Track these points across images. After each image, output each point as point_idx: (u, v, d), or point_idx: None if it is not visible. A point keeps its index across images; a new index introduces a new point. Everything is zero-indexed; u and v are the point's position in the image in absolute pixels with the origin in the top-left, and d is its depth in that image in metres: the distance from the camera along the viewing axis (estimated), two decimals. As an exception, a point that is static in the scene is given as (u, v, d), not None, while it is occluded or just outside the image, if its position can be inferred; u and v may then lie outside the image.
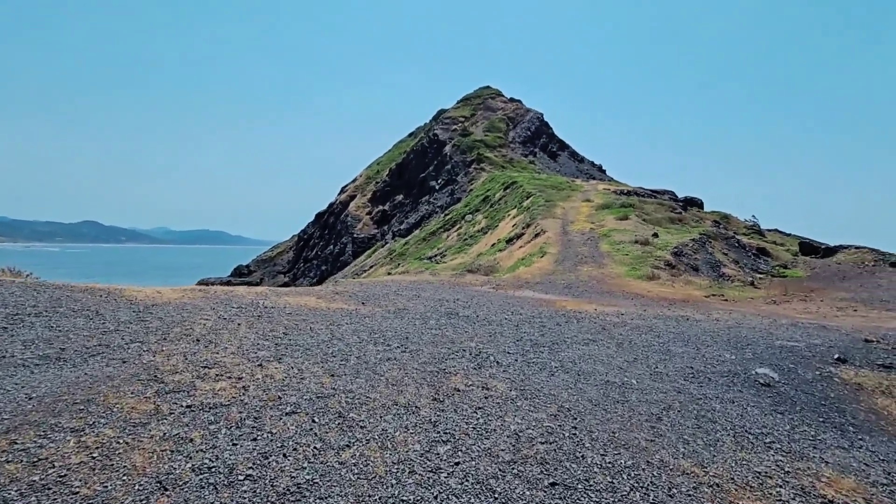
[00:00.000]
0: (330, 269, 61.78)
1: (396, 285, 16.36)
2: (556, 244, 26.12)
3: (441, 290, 15.61)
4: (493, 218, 42.22)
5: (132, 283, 43.35)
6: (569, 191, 41.66)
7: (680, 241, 25.75)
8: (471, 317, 10.40)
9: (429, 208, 56.21)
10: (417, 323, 9.36)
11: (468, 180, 53.89)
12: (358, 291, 13.50)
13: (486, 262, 29.15)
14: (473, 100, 66.08)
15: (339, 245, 63.80)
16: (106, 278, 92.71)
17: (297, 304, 10.38)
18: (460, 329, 9.09)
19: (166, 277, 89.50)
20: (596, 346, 8.66)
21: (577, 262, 22.61)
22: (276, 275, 72.52)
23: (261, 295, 11.13)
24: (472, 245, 39.60)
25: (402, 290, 14.66)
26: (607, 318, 11.39)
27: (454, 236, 45.12)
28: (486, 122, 61.49)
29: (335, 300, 11.49)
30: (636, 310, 12.98)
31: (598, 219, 31.29)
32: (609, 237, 26.80)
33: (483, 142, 57.73)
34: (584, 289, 17.28)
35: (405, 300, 12.38)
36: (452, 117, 63.08)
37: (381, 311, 10.37)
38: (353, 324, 8.74)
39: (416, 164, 62.64)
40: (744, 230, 35.63)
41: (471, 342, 8.08)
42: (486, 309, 11.76)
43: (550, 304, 13.64)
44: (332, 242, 65.72)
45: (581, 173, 55.39)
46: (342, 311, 10.03)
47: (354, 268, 56.35)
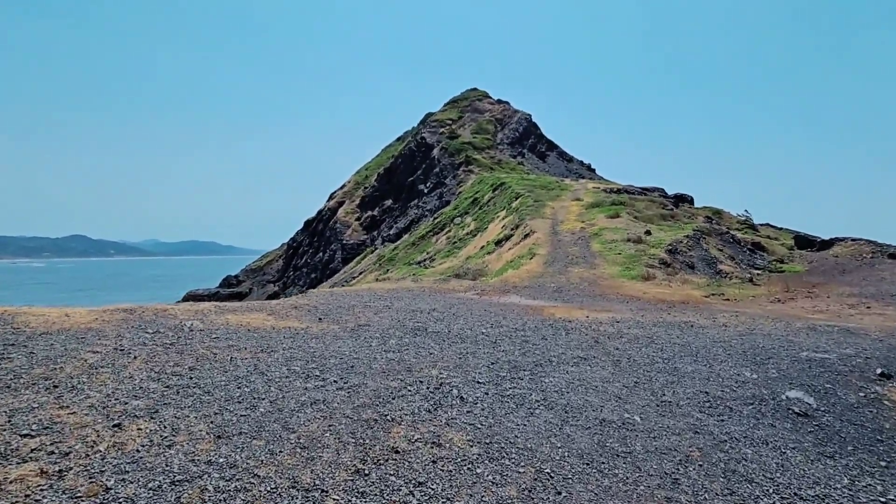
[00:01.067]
0: (319, 277, 60.01)
1: (370, 295, 14.70)
2: (546, 245, 24.54)
3: (418, 299, 13.95)
4: (482, 220, 40.65)
5: (115, 297, 41.62)
6: (558, 190, 40.16)
7: (674, 238, 24.23)
8: (441, 333, 8.73)
9: (418, 212, 54.62)
10: (374, 344, 7.69)
11: (457, 183, 52.34)
12: (321, 304, 11.82)
13: (475, 265, 27.53)
14: (461, 102, 64.59)
15: (329, 252, 62.02)
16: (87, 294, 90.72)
17: (236, 323, 8.70)
18: (425, 351, 7.43)
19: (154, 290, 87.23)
20: (588, 366, 7.02)
21: (567, 263, 21.02)
22: (266, 284, 70.60)
23: (199, 314, 9.43)
24: (462, 248, 38.02)
25: (373, 301, 13.01)
26: (601, 327, 9.76)
27: (443, 240, 43.52)
28: (474, 124, 60.01)
29: (287, 317, 9.81)
30: (633, 315, 11.37)
31: (589, 218, 29.76)
32: (600, 236, 25.25)
33: (471, 144, 56.21)
34: (575, 292, 15.67)
35: (372, 313, 10.72)
36: (440, 120, 61.54)
37: (336, 330, 8.70)
38: (291, 349, 7.07)
39: (404, 168, 61.01)
40: (737, 225, 34.20)
41: (433, 369, 6.42)
42: (462, 321, 10.11)
43: (537, 311, 12.02)
44: (321, 250, 63.92)
45: (570, 173, 53.97)
46: (288, 331, 8.36)
47: (344, 275, 54.63)
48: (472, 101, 63.57)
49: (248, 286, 72.54)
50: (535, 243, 25.07)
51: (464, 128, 59.68)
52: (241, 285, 72.96)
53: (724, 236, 27.79)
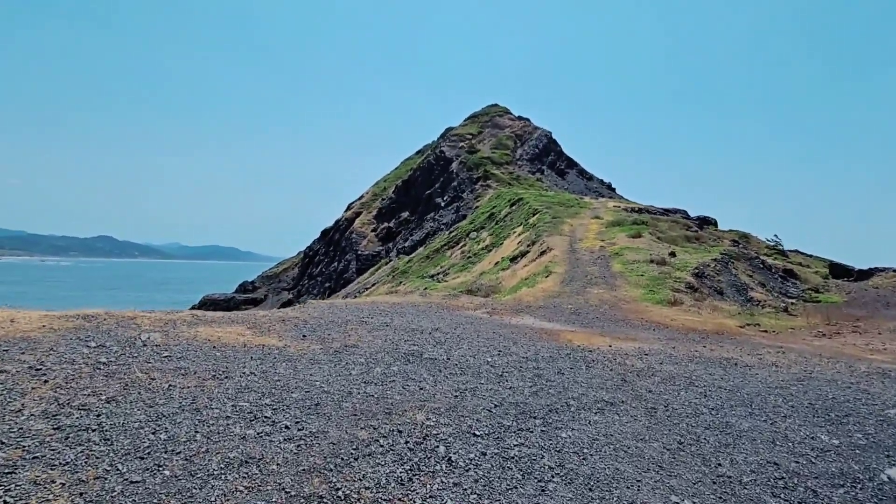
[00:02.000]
0: (333, 287, 59.06)
1: (371, 309, 13.35)
2: (563, 263, 22.97)
3: (421, 317, 12.56)
4: (498, 235, 39.23)
5: (133, 297, 40.58)
6: (577, 208, 38.58)
7: (700, 260, 22.45)
8: (439, 360, 7.31)
9: (434, 225, 53.43)
10: (355, 372, 6.30)
11: (474, 197, 51.10)
12: (313, 318, 10.49)
13: (488, 281, 26.08)
14: (481, 117, 63.60)
15: (344, 262, 61.10)
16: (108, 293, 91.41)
17: (205, 338, 7.41)
18: (414, 384, 6.01)
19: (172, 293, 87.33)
20: (616, 414, 5.52)
21: (585, 283, 19.43)
22: (281, 291, 69.95)
23: (168, 324, 8.17)
24: (476, 263, 36.61)
25: (372, 317, 11.65)
26: (627, 360, 8.23)
27: (458, 254, 42.17)
28: (494, 139, 58.90)
29: (268, 332, 8.49)
30: (662, 346, 9.79)
31: (609, 236, 28.12)
32: (621, 256, 23.59)
33: (490, 159, 55.03)
34: (595, 315, 14.09)
35: (365, 331, 9.35)
36: (459, 134, 60.57)
37: (316, 351, 7.34)
38: (251, 376, 5.72)
39: (422, 181, 60.04)
40: (765, 250, 32.14)
41: (419, 412, 5.00)
42: (466, 346, 8.66)
43: (553, 336, 10.51)
44: (336, 259, 63.06)
45: (590, 191, 52.32)
46: (259, 350, 7.02)
47: (357, 285, 53.56)
48: (493, 117, 62.55)
49: (263, 292, 72.02)
50: (551, 261, 23.53)
51: (483, 143, 58.59)
52: (256, 291, 72.50)
53: (753, 261, 25.85)
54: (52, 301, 75.42)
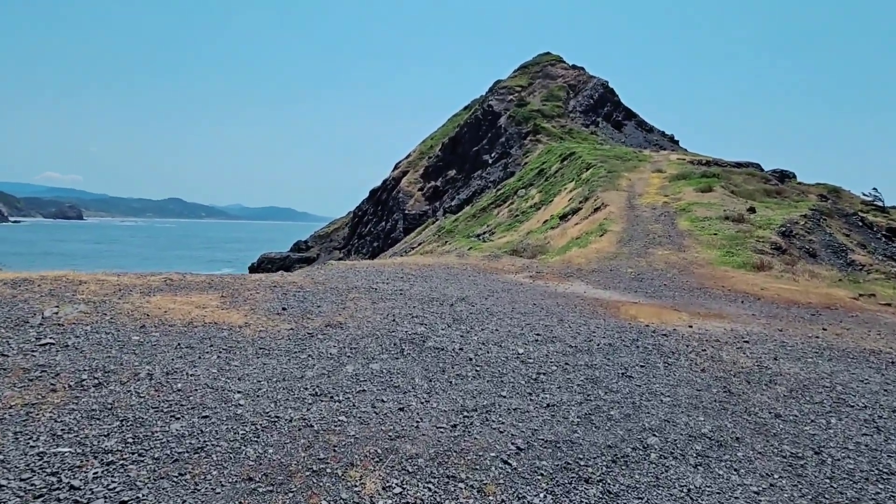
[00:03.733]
0: (381, 246, 58.03)
1: (393, 272, 11.24)
2: (620, 220, 19.87)
3: (449, 282, 10.31)
4: (548, 192, 36.02)
5: (199, 255, 40.41)
6: (636, 161, 34.53)
7: (786, 217, 18.70)
8: (448, 350, 5.04)
9: (481, 183, 50.54)
10: (311, 374, 4.16)
11: (523, 153, 47.54)
12: (311, 284, 8.46)
13: (535, 241, 23.41)
14: (531, 68, 58.64)
15: (391, 221, 59.69)
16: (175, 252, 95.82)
17: (146, 312, 5.50)
18: (395, 398, 3.80)
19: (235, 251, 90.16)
20: (731, 471, 3.08)
21: (647, 242, 16.43)
22: (332, 250, 70.01)
23: (115, 293, 6.34)
24: (523, 222, 33.83)
25: (388, 282, 9.52)
26: (722, 350, 5.64)
27: (505, 213, 39.40)
28: (545, 91, 54.21)
29: (241, 303, 6.51)
30: (763, 328, 7.05)
31: (674, 191, 24.47)
32: (689, 212, 20.16)
33: (540, 112, 50.72)
34: (663, 282, 11.31)
35: (367, 302, 7.21)
36: (508, 87, 56.23)
37: (282, 333, 5.25)
38: (147, 379, 3.70)
39: (469, 138, 56.71)
40: (861, 206, 27.28)
41: (373, 472, 2.77)
42: (494, 325, 6.34)
43: (611, 310, 7.98)
44: (384, 219, 61.73)
45: (650, 144, 47.29)
46: (204, 331, 5.02)
47: (404, 245, 52.13)
48: (544, 67, 57.48)
49: (315, 251, 72.46)
50: (607, 218, 20.47)
51: (533, 95, 54.10)
52: (309, 250, 73.05)
53: (850, 218, 21.61)
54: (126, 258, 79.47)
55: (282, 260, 68.50)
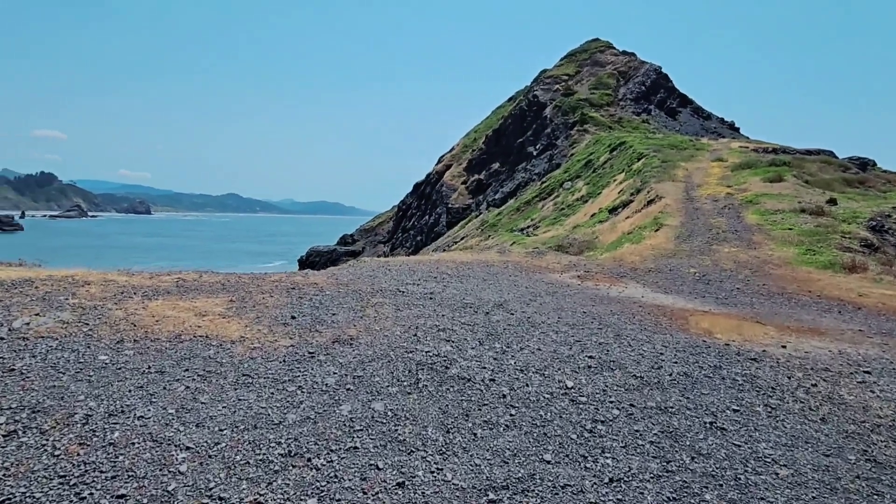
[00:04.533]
0: (424, 240, 57.50)
1: (426, 271, 10.24)
2: (678, 213, 18.02)
3: (487, 283, 9.19)
4: (596, 184, 34.09)
5: (253, 248, 41.07)
6: (692, 150, 31.97)
7: (875, 209, 16.28)
8: (475, 382, 3.96)
9: (525, 176, 48.83)
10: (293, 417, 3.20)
11: (569, 144, 45.42)
12: (333, 286, 7.57)
13: (582, 236, 21.87)
14: (579, 55, 55.91)
15: (435, 215, 58.96)
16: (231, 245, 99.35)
17: (135, 321, 4.74)
18: (393, 462, 2.74)
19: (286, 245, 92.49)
20: None
21: (710, 238, 14.64)
22: (377, 244, 70.28)
23: (115, 297, 5.66)
24: (569, 216, 32.12)
25: (419, 282, 8.52)
26: (839, 385, 4.26)
27: (550, 206, 37.74)
28: (593, 79, 51.53)
29: (246, 310, 5.68)
30: (882, 350, 5.52)
31: (738, 181, 22.17)
32: (757, 204, 18.02)
33: (588, 101, 48.24)
34: (735, 285, 9.71)
35: (390, 309, 6.22)
36: (554, 76, 53.89)
37: (278, 352, 4.35)
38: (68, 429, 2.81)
39: (513, 130, 54.92)
40: (959, 196, 23.77)
41: None
42: (535, 343, 5.19)
43: (677, 321, 6.63)
44: (427, 213, 61.10)
45: (707, 132, 43.90)
46: (187, 349, 4.18)
47: (447, 239, 51.32)
48: (593, 54, 54.66)
49: (361, 245, 73.02)
50: (662, 211, 18.64)
51: (581, 83, 51.56)
52: (355, 244, 73.70)
53: (950, 210, 18.68)
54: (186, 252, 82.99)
55: (329, 253, 69.41)
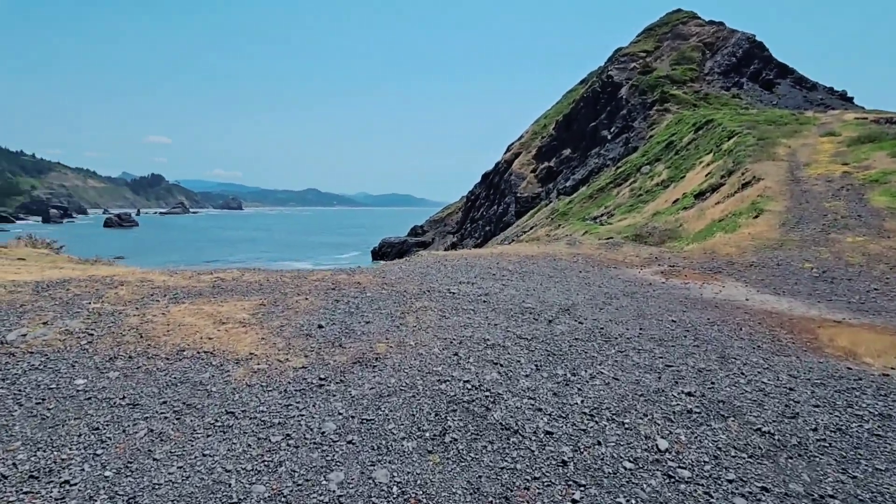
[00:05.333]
0: (493, 230, 56.24)
1: (484, 266, 9.14)
2: (782, 197, 15.43)
3: (553, 280, 7.92)
4: (679, 168, 31.01)
5: (328, 240, 42.20)
6: (795, 125, 27.92)
7: None
8: (525, 433, 2.83)
9: (598, 161, 45.88)
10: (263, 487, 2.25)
11: (647, 125, 41.88)
12: (377, 285, 6.72)
13: (664, 224, 19.70)
14: (658, 29, 51.22)
15: (503, 205, 57.42)
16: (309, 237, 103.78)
17: (144, 332, 4.15)
18: None
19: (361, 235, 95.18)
20: None
21: (826, 225, 12.20)
22: (446, 234, 70.00)
23: (136, 301, 5.17)
24: (648, 202, 29.49)
25: (474, 281, 7.46)
26: None
27: (626, 192, 35.04)
28: (675, 53, 46.98)
29: (273, 316, 4.95)
30: None
31: (857, 158, 18.74)
32: (886, 184, 14.96)
33: (669, 77, 44.06)
34: (870, 285, 7.67)
35: (434, 316, 5.24)
36: (630, 53, 49.83)
37: (283, 379, 3.49)
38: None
39: (585, 113, 51.74)
40: None
41: None
42: (609, 369, 3.95)
43: (800, 334, 5.04)
44: (496, 202, 59.65)
45: (812, 104, 38.34)
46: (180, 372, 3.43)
47: (516, 228, 49.71)
48: (674, 27, 49.82)
49: (431, 236, 73.18)
50: (761, 195, 16.07)
51: (661, 59, 47.25)
52: (425, 235, 74.01)
53: None
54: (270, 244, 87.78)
55: (400, 244, 70.26)
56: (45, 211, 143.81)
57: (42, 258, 9.56)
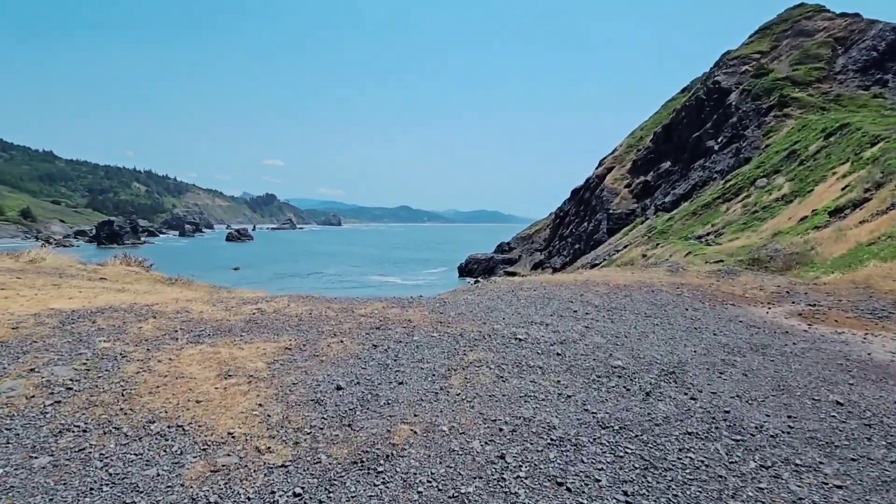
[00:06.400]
0: (583, 248, 53.08)
1: (566, 298, 7.60)
2: (963, 215, 11.94)
3: (651, 323, 6.21)
4: (805, 180, 26.67)
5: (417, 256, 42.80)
6: (966, 125, 22.60)
7: None
8: None
9: (703, 175, 41.37)
10: None
11: (763, 133, 36.91)
12: (430, 325, 5.56)
13: (789, 245, 16.59)
14: (776, 27, 45.16)
15: (594, 222, 54.05)
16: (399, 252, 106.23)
17: (126, 383, 3.37)
18: None
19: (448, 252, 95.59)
20: None
21: None
22: (534, 252, 67.66)
23: (170, 332, 4.51)
24: (766, 219, 25.64)
25: (554, 317, 6.03)
26: None
27: (737, 208, 30.95)
28: (796, 52, 41.09)
29: (289, 371, 4.00)
30: None
31: None
32: None
33: (789, 79, 38.53)
34: None
35: (489, 376, 3.94)
36: (741, 56, 44.49)
37: (244, 485, 2.40)
38: None
39: (687, 123, 47.11)
40: None
41: None
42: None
43: None
44: (586, 219, 56.38)
45: (983, 101, 30.95)
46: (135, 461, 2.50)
47: (608, 247, 46.35)
48: (796, 22, 43.69)
49: (517, 253, 71.26)
50: (931, 212, 12.61)
51: (779, 60, 41.60)
52: (511, 252, 72.23)
53: None
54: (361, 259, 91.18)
55: (486, 261, 69.12)
56: (182, 226, 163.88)
57: (125, 277, 9.76)
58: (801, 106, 36.10)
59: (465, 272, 67.88)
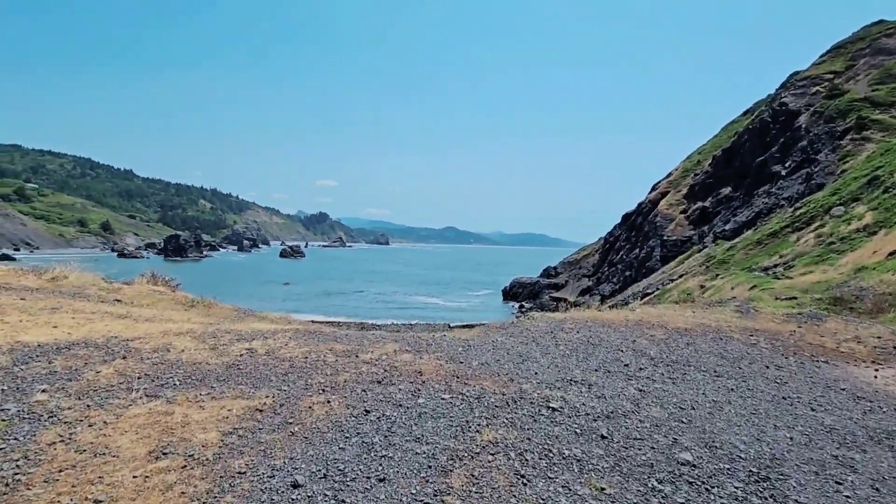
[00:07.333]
0: (634, 276, 50.19)
1: (614, 346, 6.31)
2: None
3: (725, 389, 4.83)
4: (891, 209, 23.69)
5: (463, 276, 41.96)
6: None
7: None
8: None
9: (768, 202, 38.11)
10: None
11: (838, 158, 33.60)
12: (444, 379, 4.51)
13: (877, 283, 14.35)
14: (851, 46, 41.47)
15: (646, 249, 51.10)
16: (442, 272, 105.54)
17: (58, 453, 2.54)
18: None
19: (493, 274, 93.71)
20: None
21: None
22: (581, 278, 64.91)
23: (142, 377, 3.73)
24: (845, 252, 22.85)
25: (597, 373, 4.81)
26: None
27: (810, 238, 27.99)
28: (875, 71, 37.46)
29: (238, 453, 3.06)
30: None
31: None
32: None
33: (868, 100, 35.02)
34: None
35: (505, 480, 2.83)
36: (811, 76, 41.11)
37: None
38: None
39: (750, 147, 43.86)
40: None
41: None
42: None
43: None
44: (638, 245, 53.44)
45: None
46: None
47: (661, 276, 43.48)
48: (875, 40, 39.96)
49: (564, 278, 68.70)
50: None
51: (855, 80, 38.07)
52: (558, 276, 69.77)
53: None
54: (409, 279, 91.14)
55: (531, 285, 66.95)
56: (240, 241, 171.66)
57: (144, 298, 9.35)
58: (882, 128, 32.60)
59: (510, 296, 65.89)
